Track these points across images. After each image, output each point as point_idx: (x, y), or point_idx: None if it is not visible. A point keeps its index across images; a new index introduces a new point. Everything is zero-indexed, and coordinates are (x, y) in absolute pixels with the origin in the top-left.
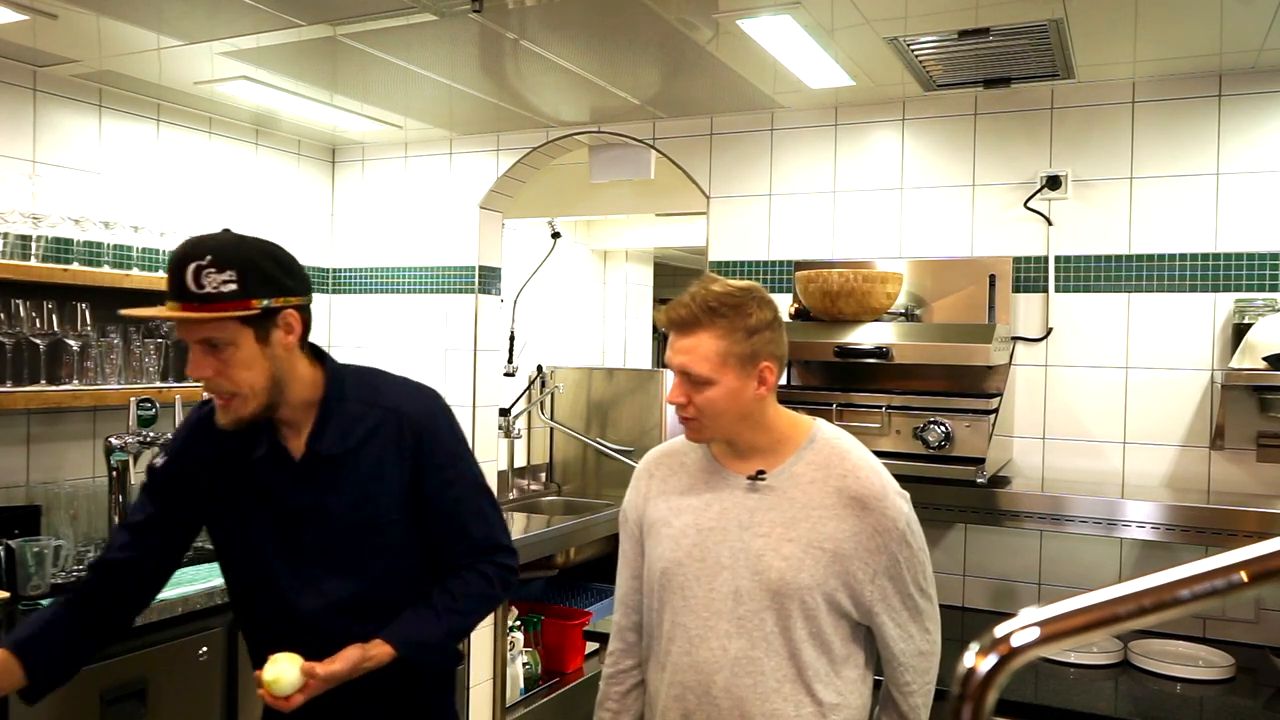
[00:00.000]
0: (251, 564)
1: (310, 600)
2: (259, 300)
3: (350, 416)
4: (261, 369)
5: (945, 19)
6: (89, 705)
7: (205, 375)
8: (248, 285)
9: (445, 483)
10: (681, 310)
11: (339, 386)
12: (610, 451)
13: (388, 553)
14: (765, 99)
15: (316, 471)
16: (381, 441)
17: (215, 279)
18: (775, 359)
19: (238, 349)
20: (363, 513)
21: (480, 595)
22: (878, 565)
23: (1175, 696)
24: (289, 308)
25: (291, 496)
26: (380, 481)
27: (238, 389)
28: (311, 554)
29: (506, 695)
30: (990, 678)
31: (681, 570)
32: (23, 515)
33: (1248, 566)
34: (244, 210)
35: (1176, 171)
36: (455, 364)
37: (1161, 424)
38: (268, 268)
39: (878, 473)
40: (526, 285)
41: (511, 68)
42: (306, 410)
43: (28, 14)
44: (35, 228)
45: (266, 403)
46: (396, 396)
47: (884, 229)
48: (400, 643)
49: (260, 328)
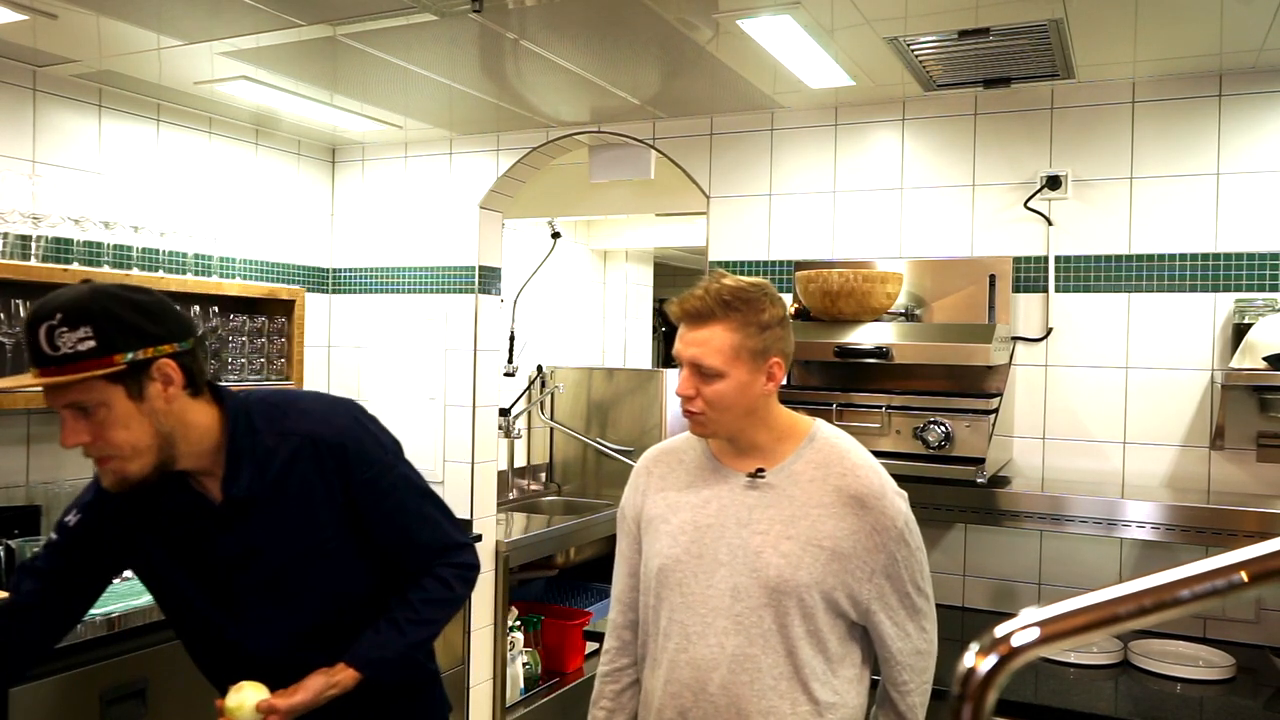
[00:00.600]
0: (191, 614)
1: (263, 642)
2: (122, 355)
3: (264, 451)
4: (140, 427)
5: (945, 19)
6: (89, 705)
7: (81, 442)
8: (106, 340)
9: (380, 495)
10: (695, 302)
11: (246, 422)
12: (610, 451)
13: (334, 579)
14: (765, 99)
15: (241, 515)
16: (303, 471)
17: (69, 338)
18: (784, 356)
19: (110, 409)
20: (299, 546)
21: (440, 600)
22: (875, 564)
23: (1175, 696)
24: (161, 357)
25: (221, 546)
26: (310, 512)
27: (117, 451)
28: (253, 598)
29: (506, 695)
30: (990, 678)
31: (679, 567)
32: (23, 515)
33: (1248, 566)
34: (244, 210)
35: (1176, 171)
36: (455, 364)
37: (1161, 424)
38: (128, 317)
39: (877, 472)
40: (526, 285)
41: (511, 68)
42: (215, 455)
43: (28, 14)
44: (35, 228)
45: (155, 461)
46: (308, 421)
47: (884, 229)
48: (363, 664)
49: (130, 383)
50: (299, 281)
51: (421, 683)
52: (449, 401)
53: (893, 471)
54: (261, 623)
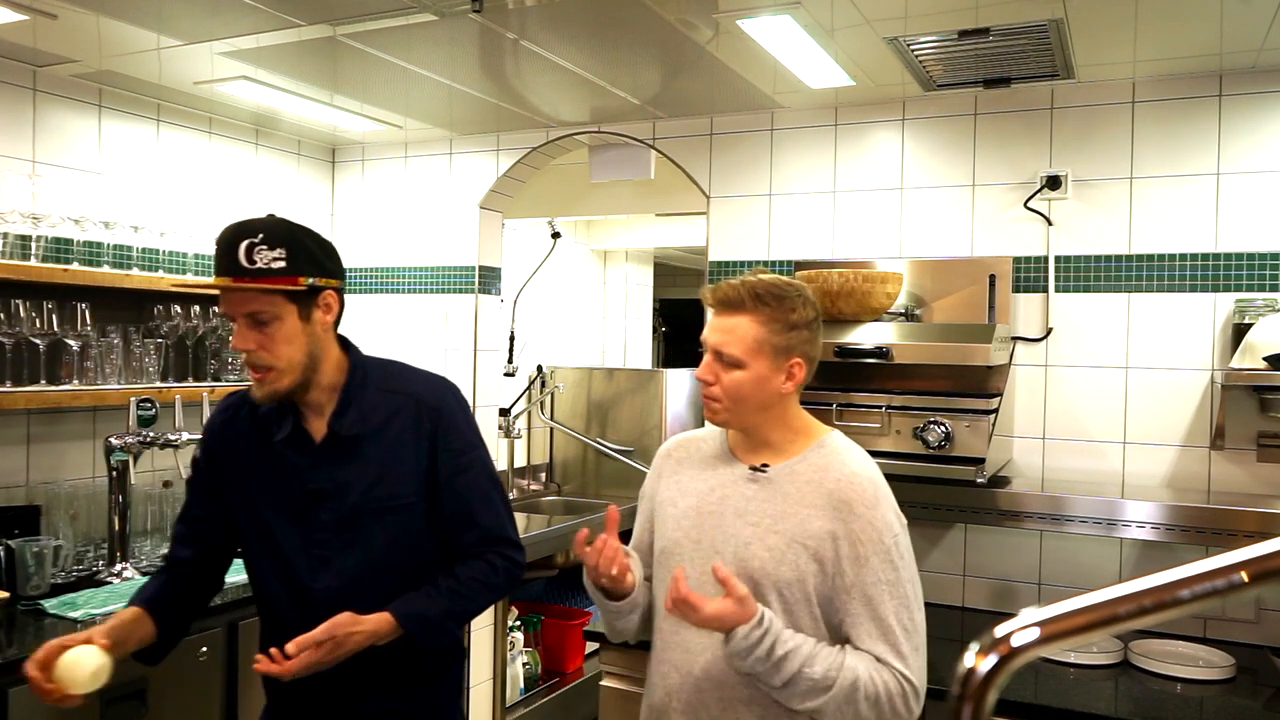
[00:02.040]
0: (267, 544)
1: (323, 579)
2: (305, 278)
3: (371, 401)
4: (300, 345)
5: (945, 19)
6: (89, 705)
7: (249, 348)
8: (296, 263)
9: (458, 469)
10: (729, 290)
11: (363, 373)
12: (610, 451)
13: (401, 535)
14: (765, 99)
15: (336, 452)
16: (400, 425)
17: (266, 255)
18: (807, 359)
19: (282, 323)
20: (378, 493)
21: (485, 583)
22: (856, 578)
23: (1175, 696)
24: (329, 289)
25: (310, 478)
26: (397, 463)
27: (276, 363)
28: (326, 533)
29: (506, 695)
30: (990, 678)
31: (679, 550)
32: (23, 515)
33: (1248, 566)
34: (244, 210)
35: (1176, 171)
36: (455, 364)
37: (1161, 424)
38: (313, 249)
39: (874, 484)
40: (526, 285)
41: (511, 68)
42: (331, 393)
43: (28, 14)
44: (35, 228)
45: (300, 379)
46: (416, 384)
47: (884, 229)
48: (401, 614)
49: (303, 305)
50: None
51: (447, 664)
52: None
53: (893, 471)
54: (326, 560)
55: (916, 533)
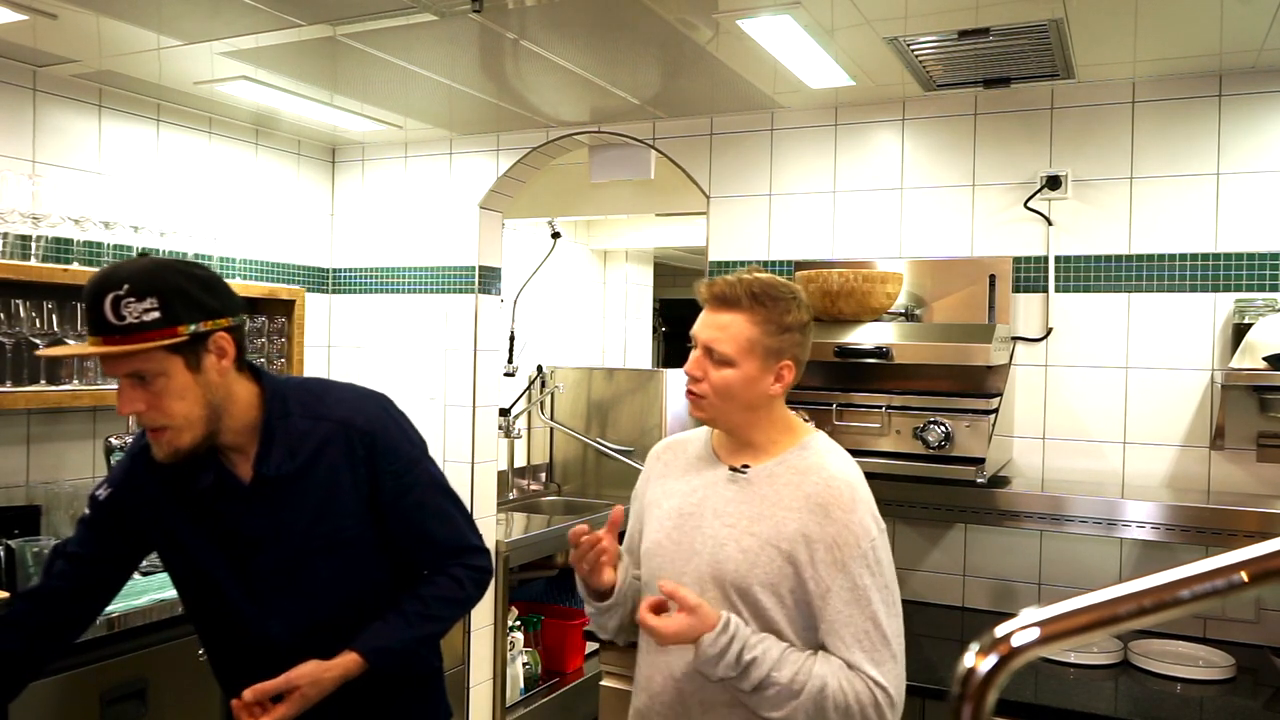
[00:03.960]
0: (212, 596)
1: (279, 627)
2: (185, 326)
3: (296, 433)
4: (195, 398)
5: (945, 19)
6: (89, 705)
7: (137, 409)
8: (171, 311)
9: (403, 489)
10: (724, 287)
11: (281, 403)
12: (610, 451)
13: (352, 568)
14: (765, 99)
15: (268, 495)
16: (332, 455)
17: (136, 308)
18: (797, 361)
19: (169, 379)
20: (321, 531)
21: (451, 599)
22: (832, 584)
23: (1175, 696)
24: (218, 330)
25: (245, 525)
26: (335, 497)
27: (170, 422)
28: (274, 580)
29: (506, 695)
30: (990, 678)
31: (660, 551)
32: (23, 515)
33: (1248, 566)
34: (244, 210)
35: (1176, 171)
36: (455, 364)
37: (1161, 424)
38: (191, 291)
39: (852, 487)
40: (526, 285)
41: (511, 68)
42: (250, 433)
43: (28, 14)
44: (35, 228)
45: (204, 432)
46: (342, 408)
47: (884, 229)
48: (367, 651)
49: (189, 355)
50: (299, 281)
51: (425, 680)
52: (449, 401)
53: (893, 471)
54: (279, 606)
55: (916, 532)
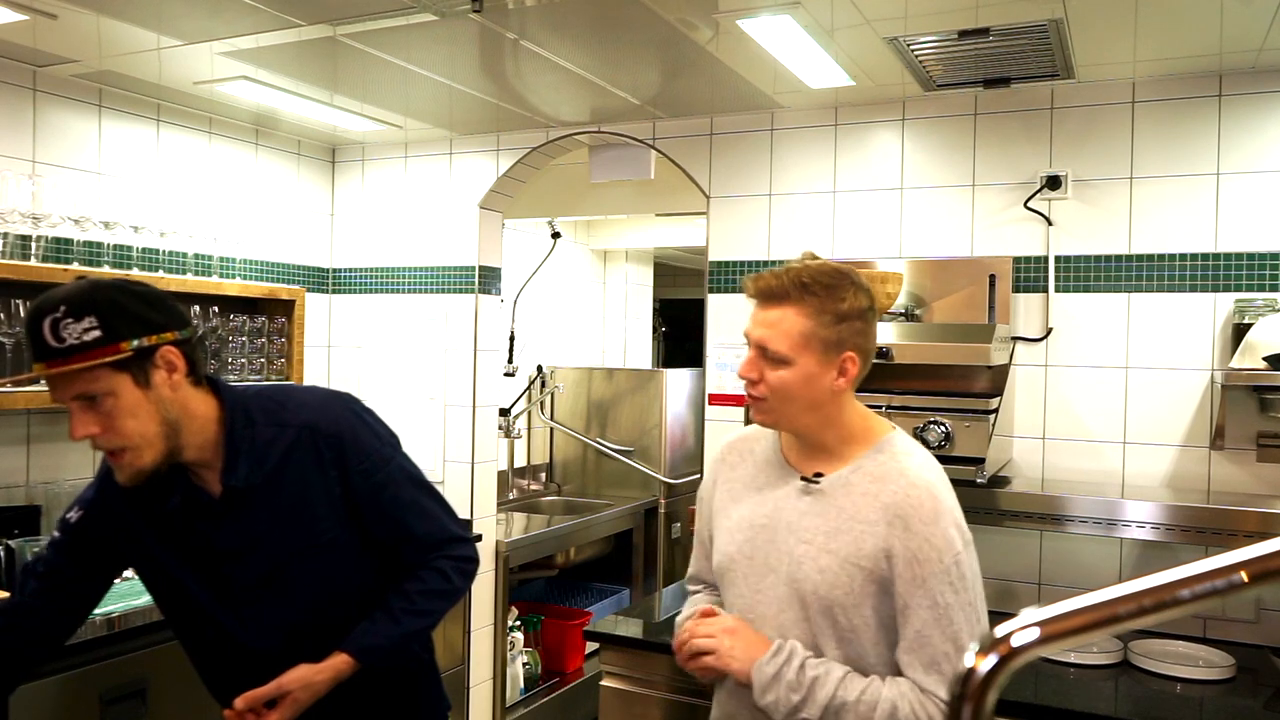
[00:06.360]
0: (191, 610)
1: (263, 638)
2: (127, 342)
3: (261, 443)
4: (148, 415)
5: (945, 19)
6: (89, 705)
7: (90, 433)
8: (111, 328)
9: (376, 487)
10: (771, 280)
11: (243, 414)
12: (610, 451)
13: (333, 572)
14: (765, 99)
15: (239, 507)
16: (301, 461)
17: (75, 328)
18: (861, 351)
19: (117, 398)
20: (296, 537)
21: (437, 592)
22: (910, 600)
23: (1175, 696)
24: (164, 345)
25: (219, 539)
26: (307, 503)
27: (127, 443)
28: (254, 591)
29: (506, 695)
30: (990, 678)
31: (734, 566)
32: (23, 515)
33: (1248, 566)
34: (244, 210)
35: (1176, 172)
36: (455, 364)
37: (1161, 424)
38: (131, 306)
39: (935, 496)
40: (526, 285)
41: (511, 68)
42: (214, 447)
43: (28, 14)
44: (35, 228)
45: (164, 449)
46: (305, 412)
47: (884, 229)
48: (356, 650)
49: (136, 371)
50: (299, 281)
51: (416, 675)
52: (449, 401)
53: None
54: (261, 618)
55: None
